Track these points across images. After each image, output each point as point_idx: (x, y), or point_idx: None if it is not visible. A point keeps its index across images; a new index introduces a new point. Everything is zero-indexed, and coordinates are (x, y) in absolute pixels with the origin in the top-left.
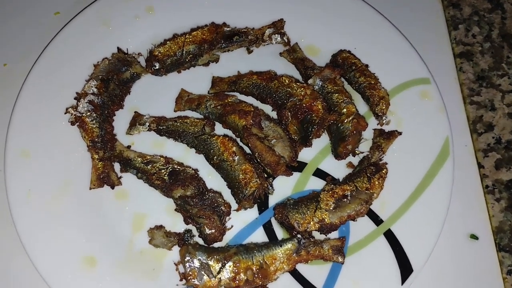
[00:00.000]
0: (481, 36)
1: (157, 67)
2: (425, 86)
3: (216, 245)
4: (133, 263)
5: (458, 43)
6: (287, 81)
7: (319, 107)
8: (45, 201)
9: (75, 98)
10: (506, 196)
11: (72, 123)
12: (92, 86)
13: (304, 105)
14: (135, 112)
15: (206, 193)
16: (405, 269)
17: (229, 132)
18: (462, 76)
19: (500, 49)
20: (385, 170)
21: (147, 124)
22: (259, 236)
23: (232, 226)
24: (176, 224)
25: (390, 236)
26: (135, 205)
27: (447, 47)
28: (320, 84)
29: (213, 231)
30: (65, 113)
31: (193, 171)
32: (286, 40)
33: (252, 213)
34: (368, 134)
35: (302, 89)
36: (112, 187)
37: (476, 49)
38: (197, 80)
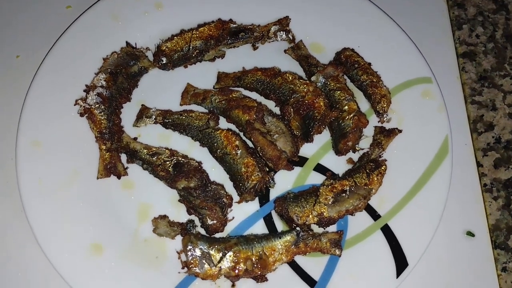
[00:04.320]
0: (484, 37)
1: (164, 62)
2: (426, 85)
3: (217, 235)
4: (138, 251)
5: (461, 43)
6: (290, 78)
7: (321, 104)
8: (54, 190)
9: (84, 91)
10: (504, 195)
11: (81, 115)
12: (101, 79)
13: (307, 101)
14: (142, 105)
15: (209, 185)
16: (401, 263)
17: (233, 127)
18: (465, 75)
19: (503, 50)
20: (384, 166)
21: (154, 117)
22: (259, 228)
23: (233, 218)
24: (180, 214)
25: (387, 231)
26: (141, 195)
27: (451, 47)
28: (323, 81)
29: (215, 222)
30: (74, 105)
31: (197, 163)
32: (291, 37)
33: (253, 206)
34: (368, 131)
35: (305, 86)
36: (119, 177)
37: (479, 49)
38: (203, 75)
